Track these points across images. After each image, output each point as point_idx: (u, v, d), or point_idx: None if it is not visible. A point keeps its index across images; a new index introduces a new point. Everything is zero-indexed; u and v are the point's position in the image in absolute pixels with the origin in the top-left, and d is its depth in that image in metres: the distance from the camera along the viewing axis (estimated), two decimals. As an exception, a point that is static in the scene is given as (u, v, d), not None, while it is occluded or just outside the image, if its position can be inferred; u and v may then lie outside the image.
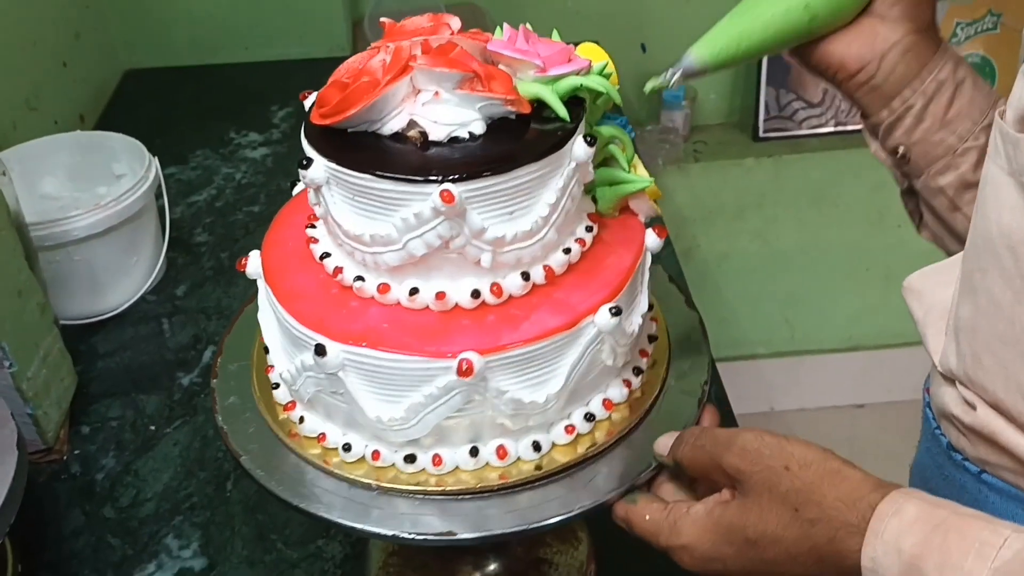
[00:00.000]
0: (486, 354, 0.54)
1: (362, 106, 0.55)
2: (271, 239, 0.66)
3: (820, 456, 0.51)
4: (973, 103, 0.64)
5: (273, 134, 1.40)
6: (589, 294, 0.58)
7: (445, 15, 0.60)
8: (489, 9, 1.64)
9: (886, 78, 0.64)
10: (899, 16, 0.64)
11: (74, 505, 0.85)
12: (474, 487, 0.58)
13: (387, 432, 0.58)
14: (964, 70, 0.65)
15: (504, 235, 0.55)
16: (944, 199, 0.66)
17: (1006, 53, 1.77)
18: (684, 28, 1.88)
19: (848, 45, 0.65)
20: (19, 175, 0.95)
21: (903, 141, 0.66)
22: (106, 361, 1.01)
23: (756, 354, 2.04)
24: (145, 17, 1.56)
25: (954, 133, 0.64)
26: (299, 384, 0.60)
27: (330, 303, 0.59)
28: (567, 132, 0.57)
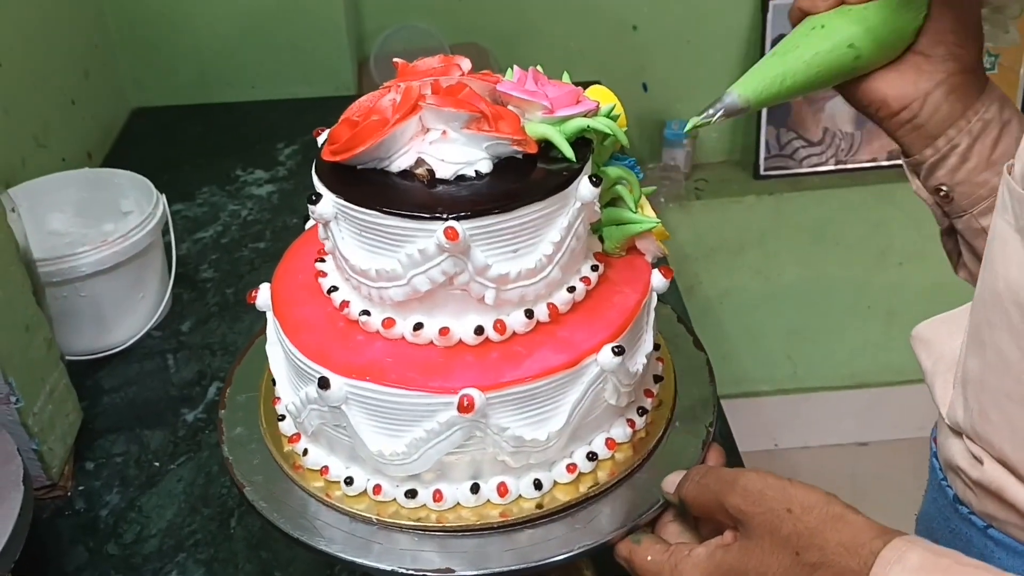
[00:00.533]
0: (487, 391, 0.55)
1: (371, 144, 0.56)
2: (282, 271, 0.67)
3: (823, 500, 0.51)
4: (1019, 143, 0.63)
5: (279, 171, 1.41)
6: (593, 333, 0.58)
7: (456, 57, 0.61)
8: (493, 49, 1.66)
9: (930, 117, 0.63)
10: (944, 55, 0.63)
11: (78, 542, 0.85)
12: (474, 524, 0.58)
13: (388, 466, 0.58)
14: (1010, 111, 0.64)
15: (508, 272, 0.56)
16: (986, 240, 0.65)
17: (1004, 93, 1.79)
18: (684, 68, 1.92)
19: (891, 83, 0.64)
20: (27, 211, 0.96)
21: (946, 180, 0.64)
22: (111, 397, 1.01)
23: (759, 391, 2.03)
24: (153, 56, 1.58)
25: (999, 174, 0.61)
26: (303, 416, 0.60)
27: (336, 336, 0.60)
28: (573, 172, 0.57)
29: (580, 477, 0.60)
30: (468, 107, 0.56)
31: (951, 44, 0.63)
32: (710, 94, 0.66)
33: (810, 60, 0.63)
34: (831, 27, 0.63)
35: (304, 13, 1.55)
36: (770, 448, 2.06)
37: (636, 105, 1.78)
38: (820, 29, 0.63)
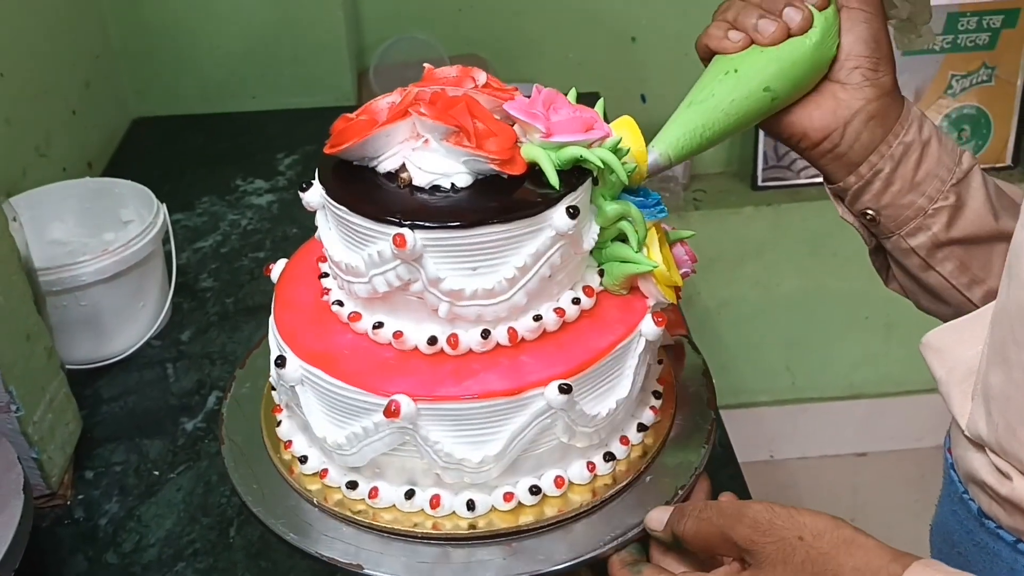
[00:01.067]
0: (419, 401, 0.55)
1: (354, 142, 0.58)
2: (302, 252, 0.69)
3: (832, 525, 0.51)
4: (940, 162, 0.63)
5: (279, 181, 1.42)
6: (547, 366, 0.57)
7: (474, 69, 0.62)
8: (492, 60, 1.67)
9: (851, 145, 0.63)
10: (860, 82, 0.62)
11: (77, 551, 0.85)
12: (405, 529, 0.59)
13: (332, 454, 0.60)
14: (929, 129, 0.64)
15: (463, 289, 0.56)
16: (916, 258, 0.65)
17: (1000, 105, 1.80)
18: (683, 80, 1.92)
19: (810, 115, 0.64)
20: (28, 221, 0.96)
21: (872, 205, 0.65)
22: (110, 406, 1.01)
23: (757, 402, 2.03)
24: (154, 66, 1.58)
25: (924, 195, 0.63)
26: (278, 394, 0.64)
27: (314, 321, 0.62)
28: (550, 200, 0.56)
29: (521, 508, 0.60)
30: (448, 120, 0.56)
31: (865, 69, 0.62)
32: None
33: (727, 108, 0.62)
34: (744, 71, 0.62)
35: (304, 24, 1.56)
36: (768, 459, 2.06)
37: (635, 116, 1.78)
38: (734, 74, 0.62)
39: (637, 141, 0.60)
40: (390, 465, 0.59)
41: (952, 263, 0.65)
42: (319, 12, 1.55)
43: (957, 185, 0.63)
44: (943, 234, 0.64)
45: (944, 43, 1.73)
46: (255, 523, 0.62)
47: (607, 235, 0.61)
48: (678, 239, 0.65)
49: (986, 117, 1.81)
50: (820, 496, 1.95)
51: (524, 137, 0.59)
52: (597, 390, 0.59)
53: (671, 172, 1.80)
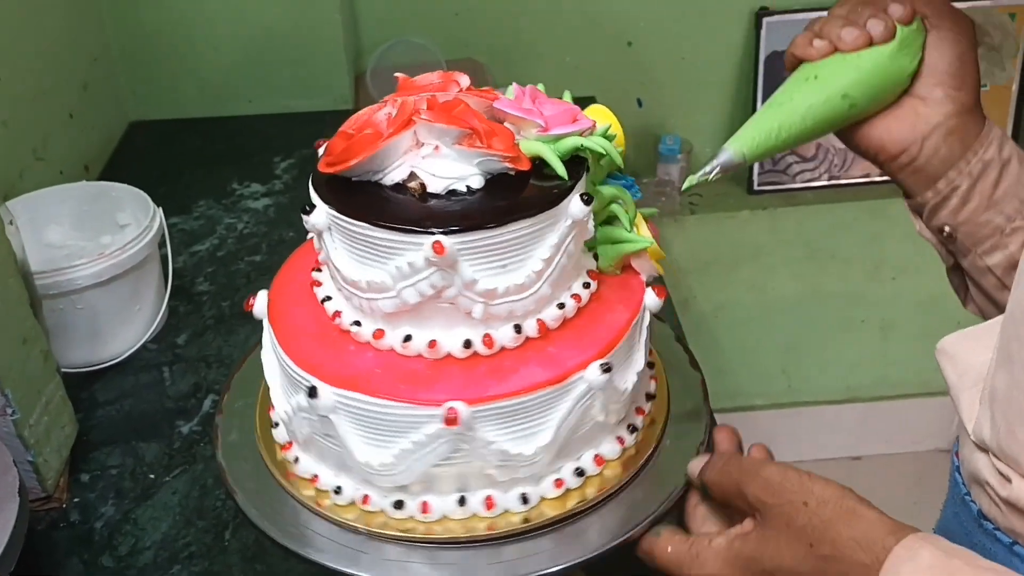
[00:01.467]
0: (473, 404, 0.55)
1: (364, 156, 0.57)
2: (279, 281, 0.68)
3: (838, 494, 0.52)
4: (1020, 182, 0.63)
5: (276, 185, 1.42)
6: (581, 350, 0.58)
7: (455, 73, 0.62)
8: (489, 64, 1.67)
9: (929, 160, 0.64)
10: (941, 98, 0.63)
11: (73, 554, 0.85)
12: (461, 536, 0.59)
13: (376, 477, 0.59)
14: (1010, 148, 0.64)
15: (496, 288, 0.56)
16: (992, 278, 0.65)
17: (996, 109, 1.80)
18: (679, 84, 1.94)
19: (889, 128, 0.64)
20: (25, 224, 0.96)
21: (949, 221, 0.65)
22: (106, 409, 1.01)
23: (753, 405, 2.04)
24: (151, 70, 1.59)
25: (1001, 213, 0.63)
26: (294, 424, 0.61)
27: (327, 346, 0.60)
28: (564, 190, 0.58)
29: (568, 493, 0.61)
30: (460, 123, 0.57)
31: (947, 87, 0.63)
32: (704, 110, 0.67)
33: (804, 112, 0.63)
34: (824, 77, 0.63)
35: (301, 28, 1.56)
36: (765, 462, 2.07)
37: (631, 121, 1.79)
38: (814, 80, 0.63)
39: (615, 126, 0.63)
40: (440, 476, 0.59)
41: None
42: (316, 16, 1.55)
43: None
44: (1020, 254, 0.63)
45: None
46: (250, 526, 0.62)
47: (599, 218, 0.63)
48: (647, 216, 0.68)
49: (981, 121, 1.81)
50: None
51: (519, 134, 0.60)
52: (622, 365, 0.61)
53: (667, 176, 1.81)
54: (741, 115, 1.78)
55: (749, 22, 1.72)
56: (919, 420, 2.00)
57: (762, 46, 1.70)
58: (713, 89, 1.78)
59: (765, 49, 1.70)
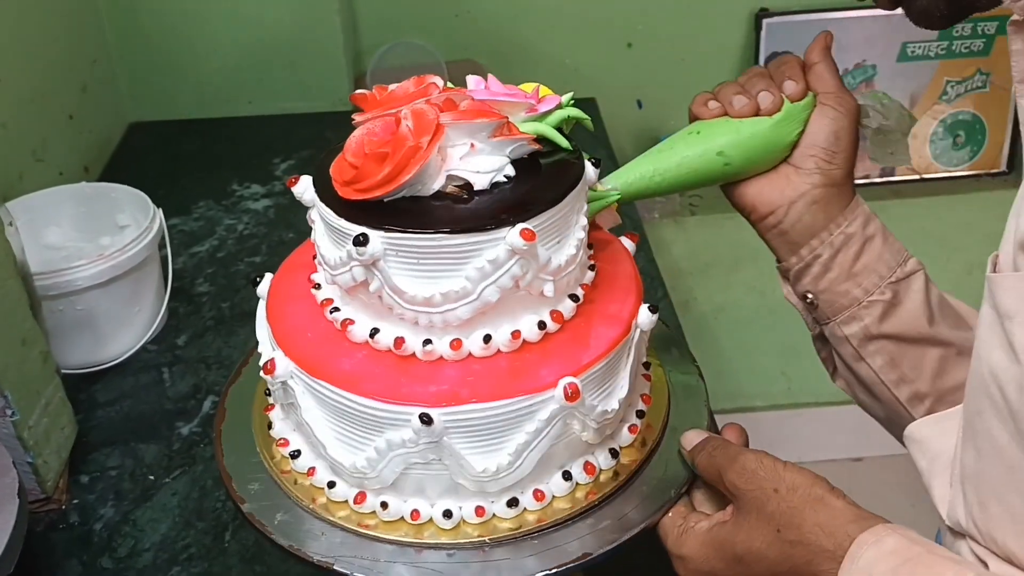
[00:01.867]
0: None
1: (415, 171, 0.55)
2: (281, 273, 0.68)
3: (808, 482, 0.54)
4: (881, 259, 0.68)
5: (275, 186, 1.42)
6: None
7: (427, 76, 0.62)
8: (488, 66, 1.67)
9: (793, 225, 0.68)
10: (811, 169, 0.67)
11: (72, 555, 0.84)
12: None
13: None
14: (875, 226, 0.68)
15: (561, 263, 0.58)
16: (849, 348, 0.70)
17: (995, 111, 1.80)
18: (679, 85, 1.93)
19: (761, 190, 0.69)
20: (24, 225, 0.96)
21: (811, 288, 0.70)
22: (106, 410, 1.01)
23: (753, 407, 2.04)
24: (151, 71, 1.59)
25: (859, 286, 0.68)
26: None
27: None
28: (578, 162, 0.60)
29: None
30: (492, 115, 0.58)
31: (819, 159, 0.67)
32: (704, 111, 0.67)
33: (680, 161, 0.68)
34: (706, 133, 0.68)
35: (301, 29, 1.56)
36: (765, 464, 2.07)
37: (631, 121, 1.79)
38: (696, 134, 0.68)
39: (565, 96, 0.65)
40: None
41: (882, 357, 0.69)
42: (316, 17, 1.55)
43: (896, 283, 0.68)
44: (875, 327, 0.68)
45: (939, 49, 1.74)
46: (250, 528, 0.62)
47: None
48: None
49: (981, 123, 1.81)
50: (816, 501, 1.95)
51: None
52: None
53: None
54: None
55: (749, 23, 1.72)
56: (919, 421, 2.00)
57: (762, 47, 1.70)
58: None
59: (765, 50, 1.70)
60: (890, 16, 1.86)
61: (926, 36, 1.71)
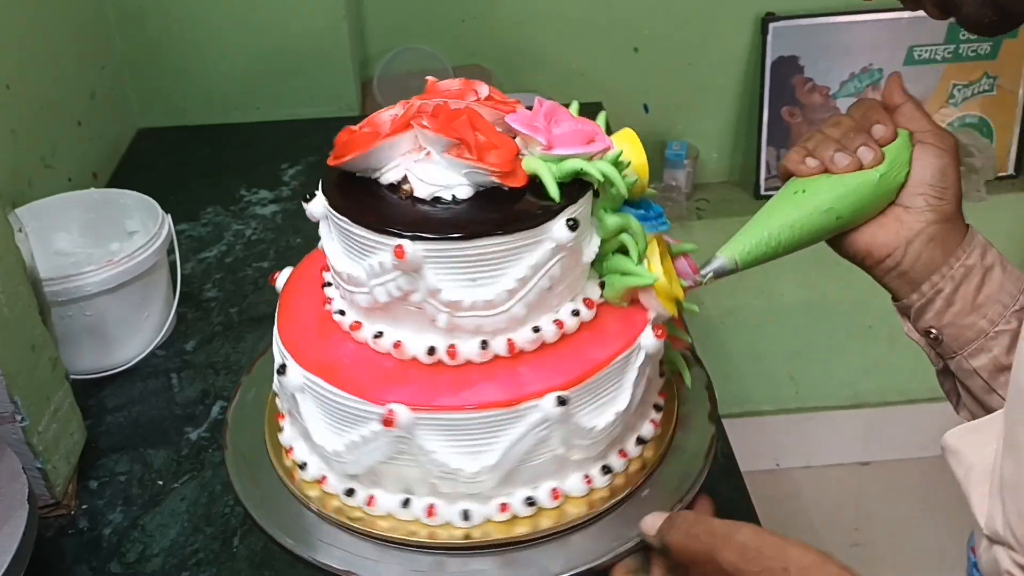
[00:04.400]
0: (417, 410, 0.56)
1: (357, 153, 0.58)
2: (306, 263, 0.70)
3: (819, 560, 0.52)
4: (1003, 288, 0.66)
5: (283, 191, 1.42)
6: (547, 377, 0.57)
7: (476, 82, 0.62)
8: (495, 71, 1.68)
9: (912, 265, 0.67)
10: (923, 207, 0.66)
11: (81, 560, 0.85)
12: (402, 537, 0.59)
13: (331, 461, 0.60)
14: (992, 256, 0.67)
15: (462, 300, 0.56)
16: (979, 380, 0.67)
17: (1003, 114, 1.80)
18: (685, 90, 1.94)
19: (875, 235, 0.68)
20: (33, 231, 0.97)
21: (934, 323, 0.68)
22: (115, 416, 1.01)
23: (761, 411, 2.03)
24: (159, 78, 1.59)
25: (984, 317, 0.66)
26: (281, 401, 0.65)
27: (316, 330, 0.63)
28: (550, 212, 0.56)
29: (516, 519, 0.60)
30: (449, 132, 0.57)
31: (929, 196, 0.66)
32: (711, 116, 0.67)
33: (793, 223, 0.66)
34: (812, 191, 0.66)
35: (309, 35, 1.57)
36: (772, 468, 2.06)
37: (638, 126, 1.78)
38: (802, 194, 0.66)
39: (638, 153, 0.61)
40: (388, 474, 0.59)
41: None
42: (323, 23, 1.56)
43: (1020, 311, 0.66)
44: (1004, 358, 0.66)
45: (946, 53, 1.74)
46: (258, 533, 0.62)
47: (608, 247, 0.61)
48: (680, 252, 0.66)
49: (988, 127, 1.81)
50: (824, 505, 1.94)
51: (526, 150, 0.59)
52: (596, 402, 0.59)
53: (674, 182, 1.81)
54: (747, 121, 1.78)
55: (755, 27, 1.72)
56: (927, 425, 1.98)
57: (768, 52, 1.70)
58: (719, 95, 1.78)
59: (771, 55, 1.70)
60: (897, 20, 1.87)
61: (933, 39, 1.71)
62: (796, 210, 0.66)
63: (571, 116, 0.61)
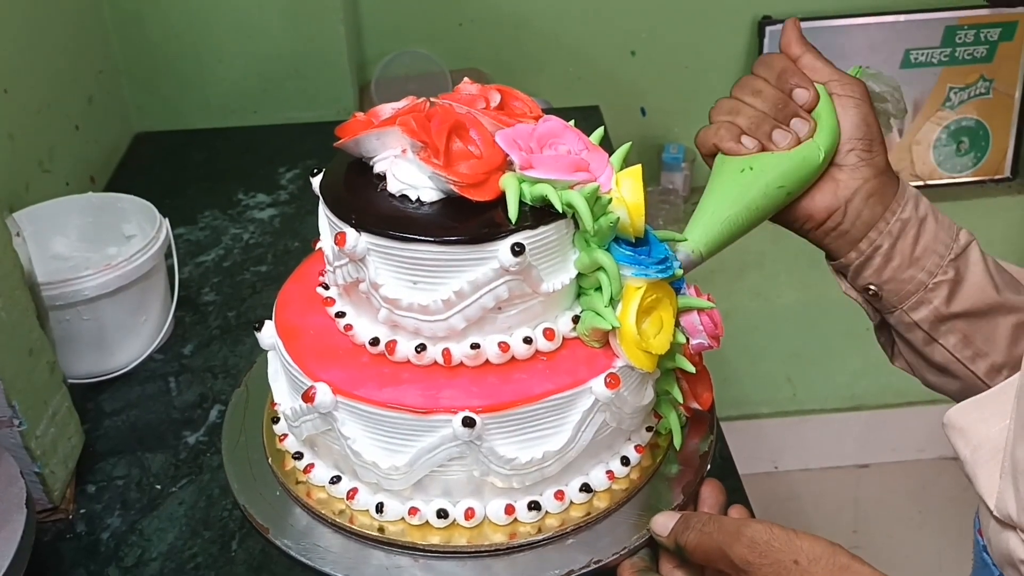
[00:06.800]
0: (339, 394, 0.58)
1: (348, 139, 0.61)
2: (298, 274, 0.70)
3: (829, 551, 0.52)
4: (937, 238, 0.67)
5: (281, 195, 1.42)
6: (469, 395, 0.57)
7: (492, 90, 0.63)
8: (492, 74, 1.68)
9: (853, 223, 0.67)
10: (856, 162, 0.66)
11: (79, 565, 0.85)
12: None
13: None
14: (925, 206, 0.67)
15: (400, 299, 0.57)
16: (920, 332, 0.68)
17: (999, 117, 1.80)
18: (682, 93, 1.94)
19: (813, 199, 0.68)
20: (31, 235, 0.97)
21: (873, 280, 0.68)
22: (112, 420, 1.01)
23: (759, 413, 2.04)
24: (157, 81, 1.59)
25: (923, 269, 0.66)
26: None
27: (305, 299, 0.66)
28: (500, 232, 0.55)
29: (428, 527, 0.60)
30: (417, 135, 0.58)
31: (859, 151, 0.66)
32: (706, 119, 0.67)
33: (748, 204, 0.65)
34: (759, 170, 0.65)
35: (306, 39, 1.57)
36: (770, 470, 2.06)
37: (635, 129, 1.79)
38: (749, 171, 0.65)
39: (636, 193, 0.58)
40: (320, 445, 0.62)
41: (955, 336, 0.67)
42: (320, 27, 1.56)
43: (955, 260, 0.66)
44: (944, 308, 0.67)
45: (942, 56, 1.74)
46: (257, 536, 0.62)
47: (589, 283, 0.59)
48: (689, 307, 0.63)
49: (984, 129, 1.81)
50: (822, 507, 1.94)
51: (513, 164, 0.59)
52: (520, 435, 0.57)
53: (671, 185, 1.81)
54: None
55: (751, 31, 1.73)
56: (925, 428, 1.99)
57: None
58: (716, 97, 1.77)
59: (768, 58, 1.71)
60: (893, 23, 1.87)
61: (929, 43, 1.71)
62: (749, 190, 0.65)
63: (580, 140, 0.59)
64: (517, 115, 0.62)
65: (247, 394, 0.73)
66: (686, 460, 0.66)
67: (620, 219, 0.58)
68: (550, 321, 0.60)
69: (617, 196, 0.58)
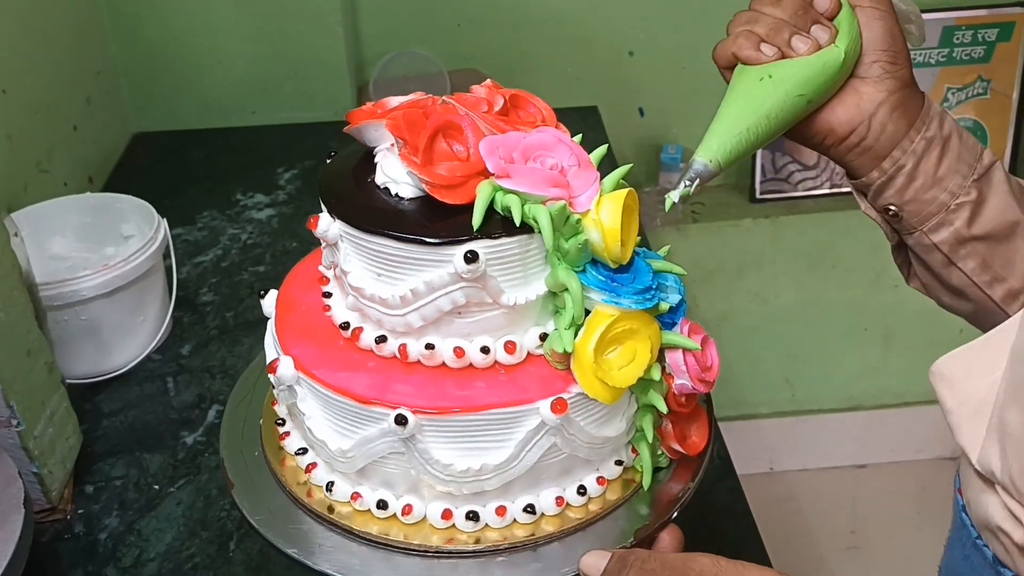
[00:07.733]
0: (299, 370, 0.60)
1: (351, 127, 0.63)
2: (298, 270, 0.71)
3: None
4: (961, 158, 0.64)
5: (279, 196, 1.42)
6: (413, 394, 0.57)
7: (498, 92, 0.64)
8: (491, 75, 1.68)
9: (877, 138, 0.65)
10: (880, 74, 0.64)
11: (77, 565, 0.85)
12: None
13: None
14: (949, 125, 0.65)
15: (364, 288, 0.58)
16: (939, 255, 0.66)
17: (996, 118, 1.81)
18: (680, 93, 1.94)
19: (835, 112, 0.65)
20: (29, 236, 0.97)
21: (894, 201, 0.66)
22: (111, 420, 1.01)
23: (757, 414, 2.04)
24: (155, 82, 1.59)
25: (945, 190, 0.64)
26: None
27: (308, 275, 0.67)
28: (457, 238, 0.55)
29: (370, 515, 0.61)
30: (398, 132, 0.58)
31: (884, 63, 0.64)
32: (706, 119, 0.67)
33: (768, 113, 0.62)
34: (779, 77, 0.63)
35: (304, 40, 1.57)
36: (768, 471, 2.06)
37: (633, 129, 1.79)
38: (768, 80, 0.63)
39: (613, 217, 0.56)
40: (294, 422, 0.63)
41: (974, 260, 0.65)
42: (318, 28, 1.56)
43: (979, 181, 0.64)
44: (965, 230, 0.64)
45: (940, 56, 1.74)
46: (255, 537, 0.62)
47: (560, 302, 0.58)
48: (672, 344, 0.60)
49: (982, 130, 1.81)
50: (820, 508, 1.94)
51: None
52: (457, 443, 0.57)
53: (669, 185, 1.81)
54: (743, 124, 1.79)
55: (750, 32, 1.73)
56: (923, 428, 1.99)
57: (763, 55, 1.71)
58: (715, 98, 1.77)
59: (766, 58, 1.71)
60: (891, 24, 1.80)
61: (927, 43, 1.72)
62: (768, 99, 0.62)
63: (573, 155, 0.58)
64: (521, 122, 0.62)
65: (246, 394, 0.73)
66: (659, 503, 0.63)
67: (590, 241, 0.56)
68: (516, 335, 0.59)
69: (594, 218, 0.55)
